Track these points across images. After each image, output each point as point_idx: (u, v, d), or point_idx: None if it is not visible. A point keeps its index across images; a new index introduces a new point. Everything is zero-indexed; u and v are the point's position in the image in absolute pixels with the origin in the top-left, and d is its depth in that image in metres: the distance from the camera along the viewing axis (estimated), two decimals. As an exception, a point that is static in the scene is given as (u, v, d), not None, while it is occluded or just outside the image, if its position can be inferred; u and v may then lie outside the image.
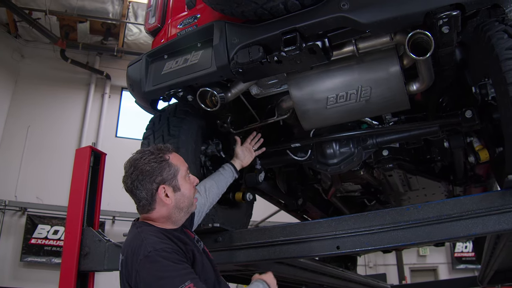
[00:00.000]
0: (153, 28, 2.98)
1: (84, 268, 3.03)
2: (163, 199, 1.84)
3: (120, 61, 12.36)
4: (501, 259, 3.38)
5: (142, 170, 1.82)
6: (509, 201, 1.97)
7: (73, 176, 3.39)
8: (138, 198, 1.85)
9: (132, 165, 1.86)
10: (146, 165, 1.83)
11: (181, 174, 1.91)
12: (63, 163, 10.92)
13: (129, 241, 1.83)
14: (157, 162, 1.85)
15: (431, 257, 14.87)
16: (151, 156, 1.86)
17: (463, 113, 2.55)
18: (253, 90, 2.96)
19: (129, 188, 1.86)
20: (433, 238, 2.08)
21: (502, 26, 2.16)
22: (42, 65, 11.53)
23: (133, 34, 11.79)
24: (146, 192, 1.82)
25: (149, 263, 1.63)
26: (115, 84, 12.40)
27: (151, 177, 1.82)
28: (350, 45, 2.34)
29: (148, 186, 1.82)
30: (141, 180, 1.82)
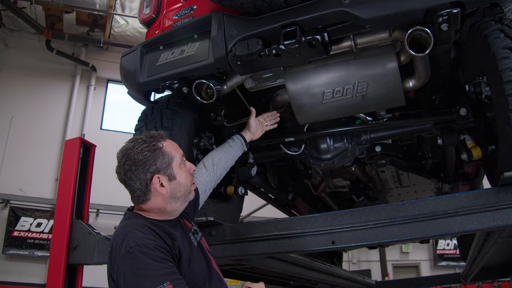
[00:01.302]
0: (148, 18, 2.93)
1: (73, 261, 2.99)
2: (158, 189, 1.77)
3: (106, 53, 12.23)
4: (489, 256, 3.42)
5: (134, 160, 1.75)
6: (504, 198, 2.01)
7: (62, 167, 3.34)
8: (132, 189, 1.78)
9: (124, 154, 1.78)
10: (138, 155, 1.75)
11: (176, 161, 1.83)
12: (47, 155, 10.80)
13: (116, 233, 1.76)
14: (150, 150, 1.77)
15: (414, 254, 15.07)
16: (143, 144, 1.78)
17: (458, 110, 2.56)
18: (248, 83, 2.95)
19: (122, 179, 1.79)
20: (429, 234, 2.10)
21: (498, 25, 2.18)
22: (26, 55, 11.33)
23: (120, 26, 11.66)
24: (140, 183, 1.75)
25: (129, 259, 1.57)
26: (100, 76, 12.26)
27: (145, 166, 1.75)
28: (348, 40, 2.34)
29: (142, 176, 1.75)
30: (134, 171, 1.75)
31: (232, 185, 3.30)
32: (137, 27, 11.58)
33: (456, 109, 2.59)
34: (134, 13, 11.16)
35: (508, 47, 2.08)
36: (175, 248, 1.71)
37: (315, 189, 4.35)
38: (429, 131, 2.77)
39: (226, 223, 2.70)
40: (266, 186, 3.80)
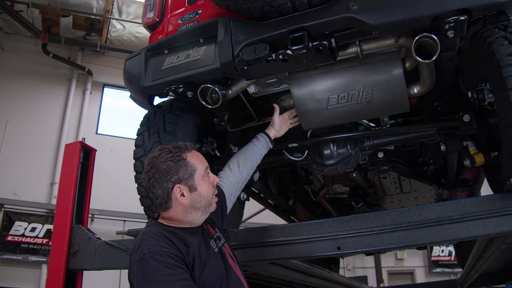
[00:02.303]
0: (151, 22, 2.93)
1: (72, 267, 2.98)
2: (179, 198, 1.84)
3: (103, 57, 12.18)
4: (490, 261, 3.44)
5: (158, 168, 1.83)
6: (509, 204, 2.03)
7: (62, 171, 3.33)
8: (155, 195, 1.86)
9: (150, 162, 1.88)
10: (162, 164, 1.83)
11: (198, 173, 1.89)
12: (42, 159, 10.74)
13: (135, 240, 1.83)
14: (174, 161, 1.85)
15: (409, 261, 15.08)
16: (168, 154, 1.86)
17: (461, 117, 2.58)
18: (251, 88, 2.95)
19: (146, 185, 1.88)
20: (434, 240, 2.11)
21: (502, 32, 2.20)
22: (22, 58, 11.26)
23: (116, 30, 11.63)
24: (162, 191, 1.83)
25: (142, 265, 1.65)
26: (97, 81, 12.21)
27: (167, 175, 1.82)
28: (354, 46, 2.35)
29: (164, 184, 1.82)
30: (157, 179, 1.83)
31: (234, 191, 3.29)
32: (134, 32, 11.58)
33: (459, 116, 2.60)
34: (131, 18, 11.16)
35: (513, 54, 2.10)
36: (189, 255, 1.76)
37: (315, 195, 4.35)
38: (432, 137, 2.78)
39: (228, 228, 2.70)
40: (267, 192, 3.79)
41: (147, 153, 2.84)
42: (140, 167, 2.85)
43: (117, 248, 2.85)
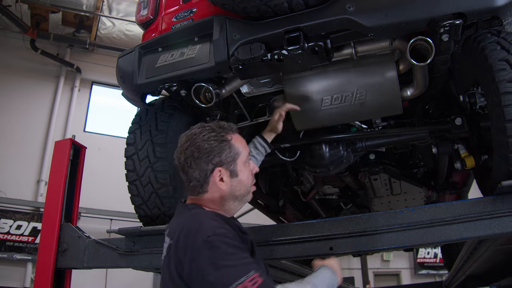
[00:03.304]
0: (145, 20, 2.91)
1: (61, 265, 2.94)
2: (217, 183, 1.67)
3: (92, 55, 12.08)
4: (479, 263, 3.47)
5: (199, 147, 1.65)
6: (500, 206, 2.05)
7: (52, 169, 3.29)
8: (189, 177, 1.68)
9: (189, 139, 1.69)
10: (204, 142, 1.66)
11: (241, 158, 1.73)
12: (29, 156, 10.61)
13: (181, 223, 1.63)
14: (218, 141, 1.68)
15: (395, 262, 15.17)
16: (211, 133, 1.69)
17: (453, 120, 2.61)
18: (244, 88, 2.94)
19: (181, 164, 1.69)
20: (426, 241, 2.12)
21: (495, 38, 2.23)
22: (10, 54, 11.10)
23: (106, 27, 11.53)
24: (200, 172, 1.66)
25: (207, 249, 1.45)
26: (85, 78, 12.09)
27: (208, 156, 1.65)
28: (348, 48, 2.36)
29: (203, 166, 1.65)
30: (196, 158, 1.65)
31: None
32: (124, 29, 11.49)
33: (451, 119, 2.63)
34: (121, 15, 11.08)
35: (505, 59, 2.12)
36: (247, 242, 1.66)
37: (304, 196, 4.36)
38: (424, 140, 2.80)
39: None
40: (257, 192, 3.79)
41: (138, 151, 2.83)
42: (131, 165, 2.83)
43: (106, 246, 2.83)
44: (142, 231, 2.69)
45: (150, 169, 2.76)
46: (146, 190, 2.76)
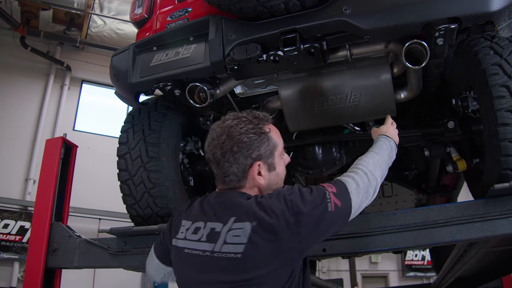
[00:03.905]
0: (139, 18, 2.89)
1: (51, 265, 2.92)
2: (256, 177, 1.61)
3: (82, 53, 12.01)
4: (469, 265, 3.51)
5: (238, 140, 1.58)
6: (492, 209, 2.08)
7: (43, 167, 3.25)
8: (225, 172, 1.61)
9: (225, 132, 1.61)
10: (243, 136, 1.58)
11: (278, 150, 1.69)
12: (17, 154, 10.51)
13: (250, 207, 1.51)
14: (257, 134, 1.61)
15: (383, 264, 15.27)
16: (249, 125, 1.62)
17: (446, 123, 2.63)
18: (238, 89, 2.95)
19: (216, 158, 1.61)
20: (419, 243, 2.14)
21: (488, 42, 2.27)
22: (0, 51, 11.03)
23: (97, 26, 11.46)
24: (238, 167, 1.59)
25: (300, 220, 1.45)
26: (75, 76, 12.01)
27: (248, 150, 1.58)
28: (344, 50, 2.37)
29: (242, 160, 1.58)
30: (235, 153, 1.57)
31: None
32: (115, 28, 11.44)
33: (443, 122, 2.65)
34: (113, 14, 11.01)
35: (498, 64, 2.16)
36: None
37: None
38: (416, 143, 2.82)
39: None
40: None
41: (131, 150, 2.81)
42: (123, 164, 2.81)
43: (97, 246, 2.81)
44: (134, 231, 2.68)
45: (142, 168, 2.74)
46: (139, 190, 2.75)
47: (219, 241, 1.51)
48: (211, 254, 1.51)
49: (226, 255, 1.48)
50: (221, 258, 1.48)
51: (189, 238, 1.60)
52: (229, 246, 1.48)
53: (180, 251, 1.63)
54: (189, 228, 1.63)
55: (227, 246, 1.48)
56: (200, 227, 1.59)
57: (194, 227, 1.61)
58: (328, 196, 1.52)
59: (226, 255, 1.48)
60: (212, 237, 1.53)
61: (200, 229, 1.58)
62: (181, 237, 1.65)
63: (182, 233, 1.65)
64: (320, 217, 1.49)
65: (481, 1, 1.93)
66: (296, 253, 1.49)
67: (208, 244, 1.53)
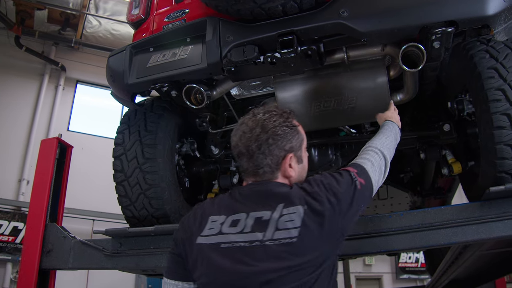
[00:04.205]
0: (136, 19, 2.89)
1: (45, 266, 2.91)
2: (287, 169, 1.63)
3: (77, 53, 11.95)
4: (463, 268, 3.52)
5: (273, 133, 1.60)
6: (487, 212, 2.09)
7: (37, 168, 3.25)
8: (259, 164, 1.60)
9: (258, 125, 1.62)
10: (277, 128, 1.61)
11: (304, 144, 1.73)
12: (10, 154, 10.44)
13: (297, 192, 1.57)
14: (289, 126, 1.65)
15: (376, 267, 15.28)
16: (280, 118, 1.65)
17: (441, 126, 2.65)
18: (234, 90, 2.94)
19: (251, 151, 1.60)
20: (415, 245, 2.15)
21: (484, 46, 2.28)
22: (-6, 51, 10.96)
23: (92, 26, 11.41)
24: (272, 159, 1.60)
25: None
26: (70, 77, 11.95)
27: (282, 142, 1.61)
28: (340, 53, 2.38)
29: (276, 152, 1.60)
30: (270, 145, 1.59)
31: (213, 192, 3.28)
32: (110, 28, 11.40)
33: (439, 125, 2.67)
34: (108, 14, 10.98)
35: (494, 67, 2.17)
36: None
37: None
38: (412, 145, 2.83)
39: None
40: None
41: (127, 151, 2.81)
42: (119, 165, 2.80)
43: (92, 247, 2.80)
44: (129, 232, 2.67)
45: (138, 169, 2.74)
46: (134, 191, 2.74)
47: (269, 229, 1.50)
48: (261, 243, 1.49)
49: (280, 241, 1.48)
50: (273, 246, 1.48)
51: (226, 231, 1.56)
52: (282, 232, 1.49)
53: (212, 247, 1.56)
54: (223, 222, 1.59)
55: (280, 232, 1.49)
56: (240, 218, 1.57)
57: (231, 220, 1.58)
58: (353, 176, 1.64)
59: (279, 241, 1.48)
60: (260, 226, 1.52)
61: (241, 221, 1.56)
62: (212, 233, 1.59)
63: (213, 229, 1.59)
64: (353, 196, 1.59)
65: (477, 5, 1.94)
66: (339, 234, 1.56)
67: (256, 233, 1.52)
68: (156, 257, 2.63)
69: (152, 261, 2.64)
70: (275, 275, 1.45)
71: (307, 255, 1.47)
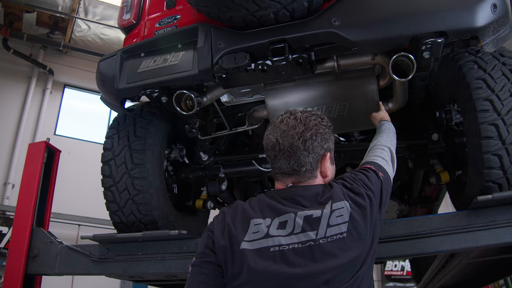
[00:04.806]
0: (127, 24, 2.88)
1: (31, 271, 2.87)
2: (326, 168, 1.65)
3: (65, 57, 11.84)
4: (450, 276, 3.55)
5: (317, 130, 1.60)
6: (475, 220, 2.12)
7: (25, 172, 3.21)
8: (301, 162, 1.58)
9: (301, 122, 1.61)
10: (319, 126, 1.62)
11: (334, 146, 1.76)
12: (-4, 157, 10.31)
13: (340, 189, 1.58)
14: (327, 126, 1.67)
15: (363, 274, 15.30)
16: (318, 118, 1.66)
17: (430, 135, 2.67)
18: (224, 97, 2.94)
19: (294, 148, 1.57)
20: (403, 253, 2.17)
21: (473, 57, 2.31)
22: (-19, 53, 10.83)
23: (81, 30, 11.34)
24: (314, 157, 1.59)
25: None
26: (58, 80, 11.83)
27: (322, 140, 1.61)
28: (331, 61, 2.39)
29: (318, 150, 1.60)
30: (314, 141, 1.58)
31: (201, 199, 3.27)
32: (99, 33, 11.34)
33: (428, 134, 2.69)
34: (97, 19, 10.92)
35: (482, 78, 2.21)
36: None
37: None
38: (400, 154, 2.85)
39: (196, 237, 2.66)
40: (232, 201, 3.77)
41: (115, 157, 2.80)
42: (108, 171, 2.79)
43: (79, 253, 2.77)
44: (117, 238, 2.65)
45: (127, 175, 2.73)
46: (122, 197, 2.73)
47: (321, 226, 1.48)
48: (315, 243, 1.46)
49: (332, 238, 1.46)
50: (327, 244, 1.46)
51: (275, 234, 1.50)
52: (334, 228, 1.48)
53: (260, 252, 1.48)
54: (270, 224, 1.53)
55: (332, 228, 1.48)
56: (287, 219, 1.52)
57: (278, 222, 1.52)
58: (375, 170, 1.72)
59: (331, 238, 1.46)
60: (312, 225, 1.49)
61: (289, 222, 1.51)
62: (258, 237, 1.51)
63: (258, 233, 1.52)
64: (381, 188, 1.67)
65: (467, 16, 1.97)
66: (378, 224, 1.60)
67: (308, 233, 1.48)
68: (144, 263, 2.62)
69: (140, 267, 2.62)
70: (332, 274, 1.43)
71: (356, 250, 1.48)
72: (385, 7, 2.05)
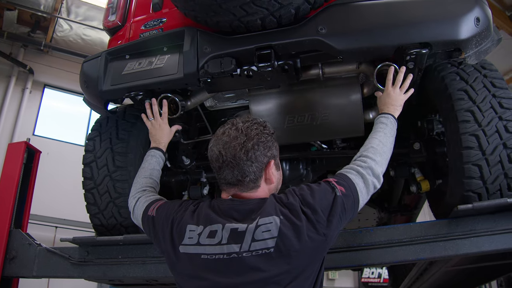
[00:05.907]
0: (113, 26, 2.85)
1: (8, 273, 2.83)
2: (270, 175, 1.68)
3: (46, 57, 11.68)
4: (427, 284, 3.59)
5: (258, 140, 1.63)
6: (455, 229, 2.16)
7: (3, 172, 3.17)
8: (245, 172, 1.61)
9: (243, 133, 1.64)
10: (261, 135, 1.65)
11: (278, 152, 1.77)
12: (-29, 157, 10.08)
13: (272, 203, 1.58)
14: (269, 134, 1.70)
15: (339, 281, 15.35)
16: (260, 126, 1.69)
17: (411, 145, 2.70)
18: (208, 102, 2.93)
19: (237, 159, 1.60)
20: (384, 261, 2.18)
21: (455, 68, 2.36)
22: (-41, 50, 10.61)
23: (63, 30, 11.19)
24: (257, 166, 1.62)
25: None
26: (38, 80, 11.65)
27: (264, 149, 1.64)
28: (316, 69, 2.41)
29: (261, 158, 1.63)
30: (256, 150, 1.62)
31: (183, 203, 3.24)
32: (81, 33, 11.21)
33: (409, 143, 2.72)
34: (80, 19, 10.79)
35: (464, 89, 2.25)
36: None
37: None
38: (382, 162, 2.87)
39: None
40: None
41: (97, 159, 2.77)
42: (89, 173, 2.76)
43: (58, 255, 2.73)
44: (98, 241, 2.62)
45: (108, 177, 2.70)
46: (103, 199, 2.70)
47: (245, 240, 1.51)
48: (238, 256, 1.50)
49: (257, 252, 1.49)
50: (251, 257, 1.49)
51: (204, 243, 1.57)
52: (259, 242, 1.49)
53: (194, 258, 1.57)
54: (201, 232, 1.59)
55: (257, 243, 1.49)
56: (217, 230, 1.57)
57: (209, 231, 1.58)
58: (332, 184, 1.64)
59: (256, 252, 1.49)
60: (236, 238, 1.52)
61: (217, 232, 1.56)
62: (191, 243, 1.60)
63: (192, 239, 1.60)
64: (332, 204, 1.58)
65: (451, 29, 2.01)
66: (320, 243, 1.55)
67: (232, 246, 1.52)
68: (124, 266, 2.59)
69: (120, 270, 2.60)
70: (255, 287, 1.46)
71: (282, 265, 1.47)
72: (372, 17, 2.08)
